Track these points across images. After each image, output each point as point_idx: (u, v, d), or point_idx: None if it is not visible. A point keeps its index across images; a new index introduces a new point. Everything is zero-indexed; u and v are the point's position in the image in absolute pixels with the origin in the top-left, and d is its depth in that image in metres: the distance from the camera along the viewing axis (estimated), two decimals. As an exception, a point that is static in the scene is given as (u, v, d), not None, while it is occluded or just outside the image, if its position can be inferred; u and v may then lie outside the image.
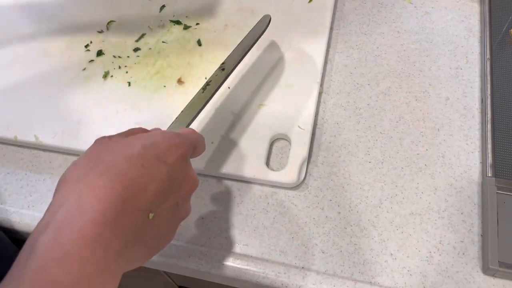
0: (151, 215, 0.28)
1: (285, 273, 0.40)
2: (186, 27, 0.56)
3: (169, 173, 0.30)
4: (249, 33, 0.47)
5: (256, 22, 0.49)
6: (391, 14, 0.55)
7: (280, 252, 0.41)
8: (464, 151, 0.45)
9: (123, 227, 0.27)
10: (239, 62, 0.45)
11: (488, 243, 0.39)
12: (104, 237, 0.25)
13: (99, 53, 0.55)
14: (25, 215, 0.46)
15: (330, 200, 0.43)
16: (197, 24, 0.56)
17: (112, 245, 0.26)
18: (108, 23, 0.58)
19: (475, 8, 0.54)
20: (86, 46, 0.56)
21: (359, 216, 0.42)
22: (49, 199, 0.46)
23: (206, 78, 0.51)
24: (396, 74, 0.50)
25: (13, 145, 0.51)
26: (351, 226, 0.42)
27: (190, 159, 0.34)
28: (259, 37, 0.47)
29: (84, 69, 0.54)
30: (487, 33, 0.50)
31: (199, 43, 0.54)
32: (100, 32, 0.57)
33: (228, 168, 0.45)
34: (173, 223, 0.33)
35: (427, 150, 0.45)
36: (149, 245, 0.30)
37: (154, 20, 0.57)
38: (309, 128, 0.46)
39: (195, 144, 0.35)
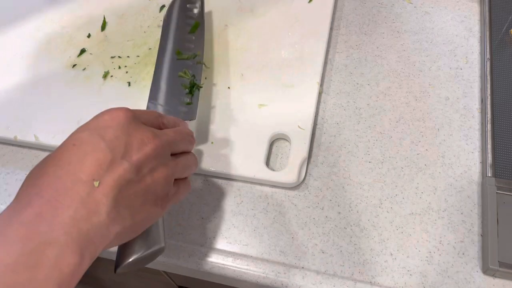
0: (96, 183, 0.29)
1: (285, 273, 0.40)
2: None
3: (107, 142, 0.30)
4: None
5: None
6: (391, 14, 0.55)
7: (280, 252, 0.41)
8: (464, 151, 0.45)
9: (69, 197, 0.28)
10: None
11: (488, 243, 0.39)
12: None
13: (99, 53, 0.55)
14: (25, 215, 0.46)
15: (330, 200, 0.43)
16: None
17: (60, 216, 0.27)
18: (108, 23, 0.58)
19: (475, 8, 0.54)
20: (86, 46, 0.56)
21: (359, 216, 0.42)
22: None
23: (206, 78, 0.51)
24: (396, 74, 0.50)
25: (13, 145, 0.51)
26: (351, 226, 0.42)
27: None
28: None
29: (84, 69, 0.54)
30: (487, 33, 0.50)
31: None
32: (100, 31, 0.57)
33: (228, 168, 0.45)
34: (148, 189, 0.32)
35: (427, 150, 0.45)
36: (127, 213, 0.30)
37: (154, 20, 0.57)
38: (309, 128, 0.46)
39: (135, 111, 0.34)
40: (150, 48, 0.55)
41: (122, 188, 0.30)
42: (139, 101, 0.50)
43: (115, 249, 0.44)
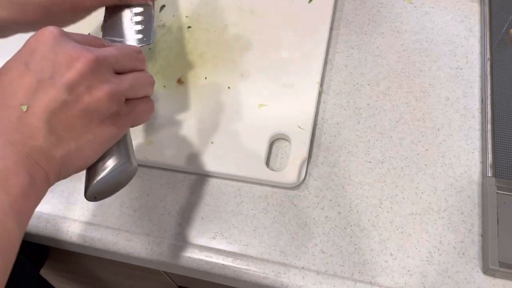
0: (23, 107, 0.29)
1: (285, 273, 0.40)
2: (186, 27, 0.56)
3: (33, 64, 0.30)
4: None
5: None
6: (391, 14, 0.55)
7: (280, 252, 0.41)
8: (464, 151, 0.45)
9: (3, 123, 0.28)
10: None
11: (488, 243, 0.39)
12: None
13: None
14: (25, 215, 0.46)
15: (330, 200, 0.43)
16: (197, 24, 0.56)
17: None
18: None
19: (475, 8, 0.54)
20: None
21: (359, 216, 0.42)
22: (48, 199, 0.46)
23: (206, 78, 0.51)
24: (396, 74, 0.50)
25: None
26: (351, 226, 0.42)
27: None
28: None
29: (84, 69, 0.54)
30: (487, 33, 0.50)
31: (199, 43, 0.54)
32: (101, 31, 0.57)
33: (228, 168, 0.45)
34: (89, 109, 0.30)
35: (427, 150, 0.45)
36: (69, 136, 0.30)
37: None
38: (309, 128, 0.46)
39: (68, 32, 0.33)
40: (150, 48, 0.55)
41: (56, 110, 0.29)
42: (139, 101, 0.50)
43: (111, 241, 0.44)
